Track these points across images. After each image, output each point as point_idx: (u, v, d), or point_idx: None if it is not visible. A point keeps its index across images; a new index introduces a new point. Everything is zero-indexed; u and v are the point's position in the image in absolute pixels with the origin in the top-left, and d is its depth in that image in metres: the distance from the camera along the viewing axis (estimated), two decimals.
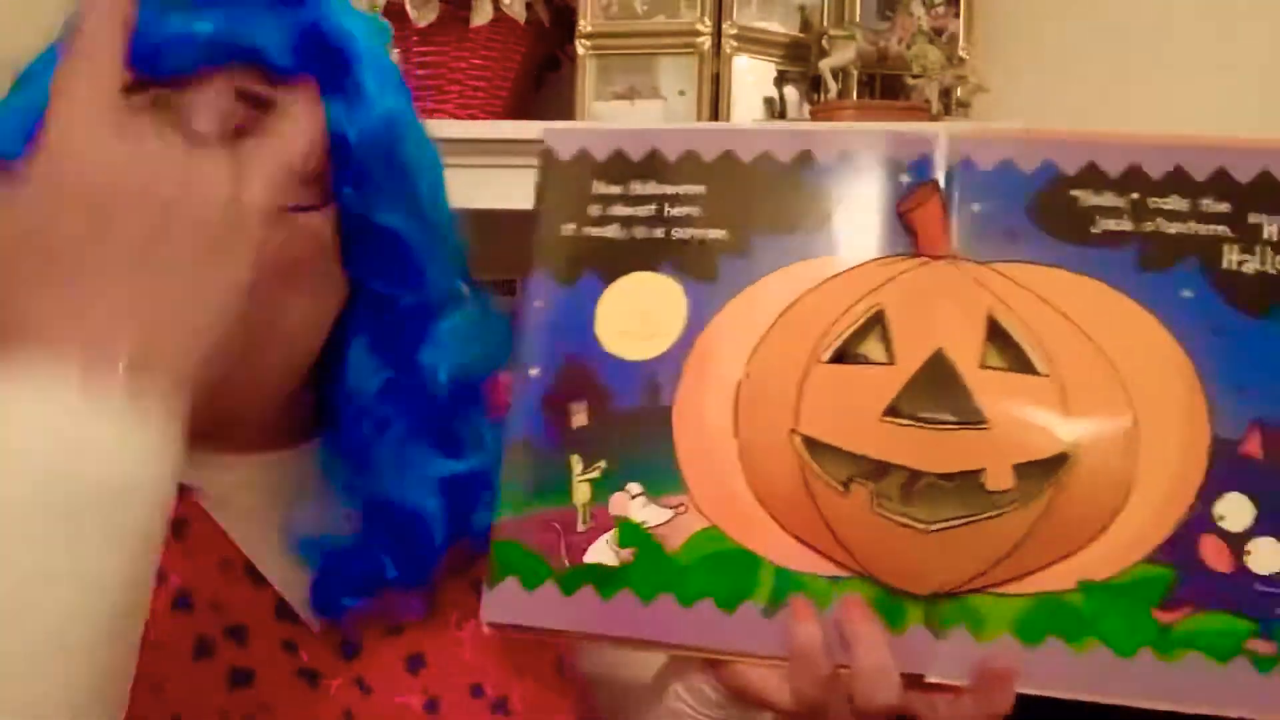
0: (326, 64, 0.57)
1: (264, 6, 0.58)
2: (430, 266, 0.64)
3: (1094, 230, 0.64)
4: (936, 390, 0.59)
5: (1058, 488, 0.60)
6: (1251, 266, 0.62)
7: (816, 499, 0.61)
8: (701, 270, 0.66)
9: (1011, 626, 0.60)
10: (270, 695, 0.62)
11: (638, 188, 0.68)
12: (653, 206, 0.67)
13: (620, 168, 0.68)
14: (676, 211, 0.67)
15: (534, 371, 0.67)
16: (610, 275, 0.67)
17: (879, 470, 0.60)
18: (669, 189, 0.68)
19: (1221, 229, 0.63)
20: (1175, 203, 0.63)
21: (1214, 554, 0.60)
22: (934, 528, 0.59)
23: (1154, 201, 0.64)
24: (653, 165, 0.68)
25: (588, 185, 0.69)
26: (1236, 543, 0.60)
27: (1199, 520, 0.60)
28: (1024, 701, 0.61)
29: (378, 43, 0.62)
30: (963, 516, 0.59)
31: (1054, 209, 0.64)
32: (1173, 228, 0.63)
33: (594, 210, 0.68)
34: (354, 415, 0.63)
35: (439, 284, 0.65)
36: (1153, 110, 1.43)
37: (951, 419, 0.59)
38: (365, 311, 0.63)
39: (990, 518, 0.59)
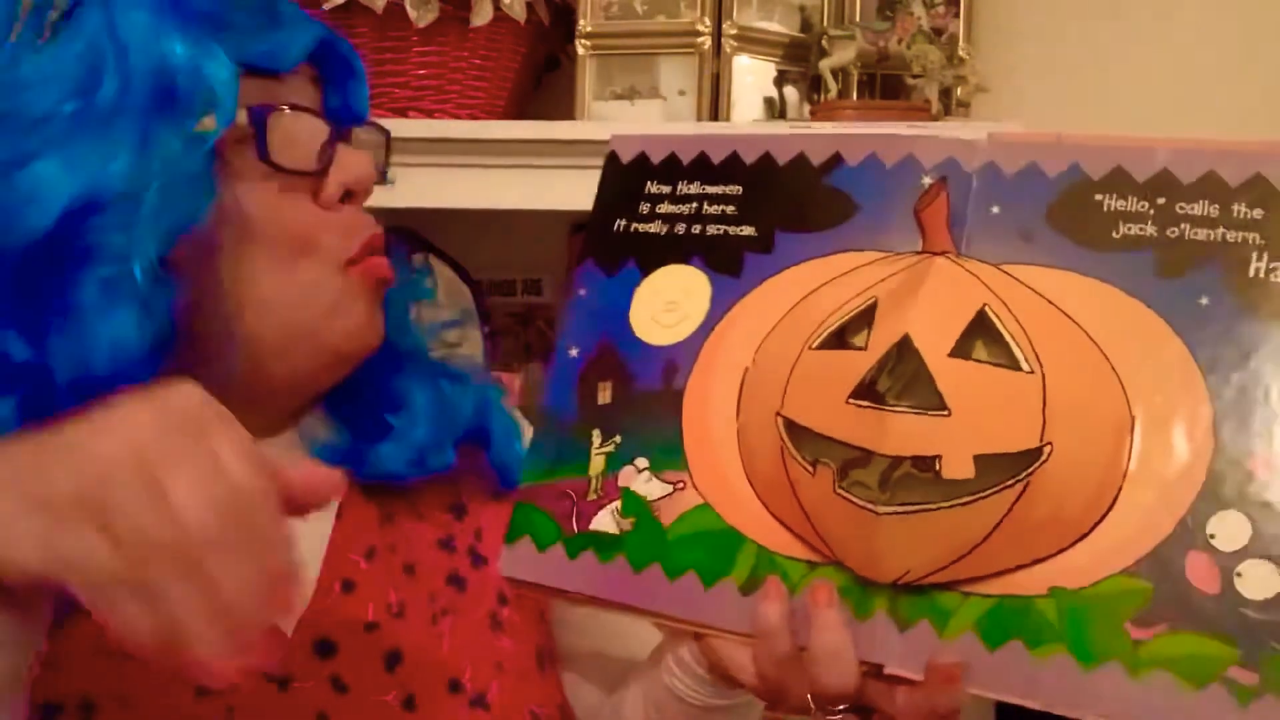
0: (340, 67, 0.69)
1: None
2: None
3: (1115, 235, 0.62)
4: (899, 375, 0.59)
5: (1028, 484, 0.58)
6: None
7: (793, 480, 0.63)
8: (727, 264, 0.69)
9: (975, 626, 0.59)
10: (238, 701, 0.64)
11: (684, 187, 0.72)
12: (694, 205, 0.72)
13: (672, 169, 0.73)
14: (713, 210, 0.71)
15: (573, 352, 0.72)
16: (649, 267, 0.72)
17: (845, 452, 0.60)
18: (710, 189, 0.72)
19: (1252, 235, 0.59)
20: (1205, 208, 0.61)
21: (1201, 573, 0.56)
22: (886, 510, 0.59)
23: (1182, 207, 0.61)
24: (700, 167, 0.72)
25: (642, 185, 0.74)
26: (1227, 563, 0.56)
27: (1189, 536, 0.56)
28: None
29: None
30: (918, 503, 0.58)
31: (1075, 213, 0.63)
32: (1199, 233, 0.60)
33: (643, 208, 0.73)
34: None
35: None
36: (1153, 110, 1.32)
37: (910, 403, 0.59)
38: None
39: (948, 507, 0.58)
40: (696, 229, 0.71)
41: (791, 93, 1.28)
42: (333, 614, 0.69)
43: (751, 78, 1.27)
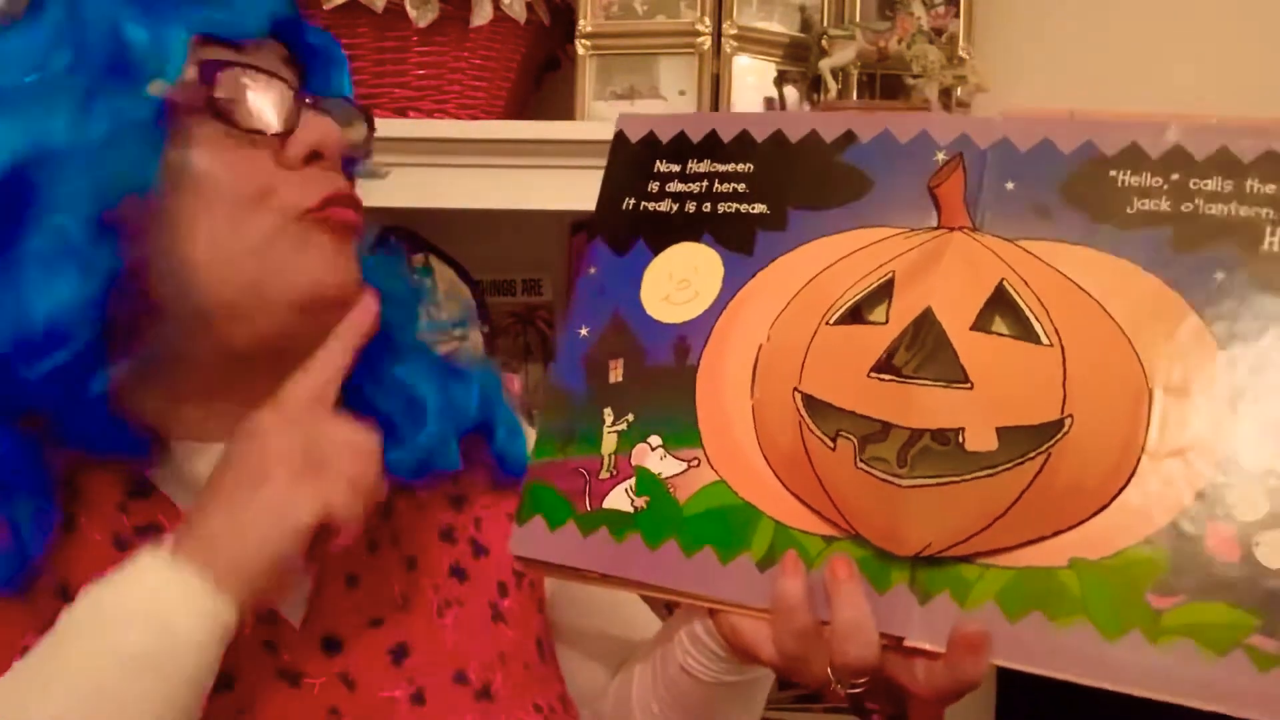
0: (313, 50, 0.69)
1: None
2: None
3: (1130, 211, 0.62)
4: (920, 348, 0.60)
5: (1049, 456, 0.58)
6: None
7: (811, 455, 0.63)
8: (739, 242, 0.69)
9: (996, 597, 0.59)
10: (251, 698, 0.64)
11: (694, 166, 0.72)
12: (704, 183, 0.71)
13: (681, 148, 0.73)
14: (724, 188, 0.71)
15: (583, 331, 0.72)
16: (659, 245, 0.72)
17: (866, 426, 0.61)
18: (721, 167, 0.71)
19: (1265, 211, 0.60)
20: (1218, 184, 0.61)
21: (1220, 543, 0.57)
22: (910, 483, 0.59)
23: (1196, 182, 0.62)
24: (710, 145, 0.72)
25: (651, 164, 0.73)
26: (1246, 533, 0.56)
27: (1207, 506, 0.57)
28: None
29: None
30: (941, 475, 0.59)
31: (1090, 188, 0.63)
32: (1213, 209, 0.61)
33: (653, 186, 0.73)
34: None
35: None
36: (1153, 110, 1.33)
37: (932, 376, 0.59)
38: None
39: (971, 479, 0.58)
40: (707, 207, 0.71)
41: (791, 93, 1.28)
42: (338, 609, 0.69)
43: (751, 78, 1.27)
